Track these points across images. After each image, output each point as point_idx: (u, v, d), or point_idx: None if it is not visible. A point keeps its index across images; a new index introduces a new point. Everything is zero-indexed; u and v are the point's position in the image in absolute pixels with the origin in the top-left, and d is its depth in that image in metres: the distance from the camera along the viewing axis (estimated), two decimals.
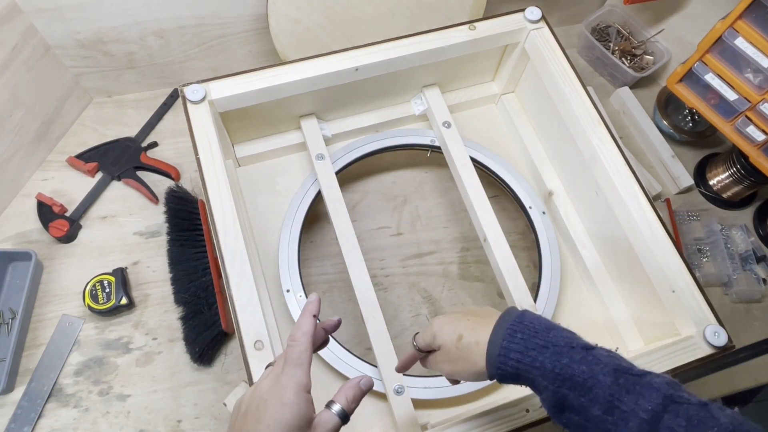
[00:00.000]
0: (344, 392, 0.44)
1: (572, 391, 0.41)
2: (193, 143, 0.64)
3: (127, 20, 0.78)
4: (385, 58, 0.71)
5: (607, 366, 0.41)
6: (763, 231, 0.91)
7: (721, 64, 0.75)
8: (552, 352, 0.42)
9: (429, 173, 0.86)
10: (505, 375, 0.44)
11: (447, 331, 0.49)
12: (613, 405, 0.39)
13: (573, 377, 0.41)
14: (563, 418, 0.42)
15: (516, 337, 0.43)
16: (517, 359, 0.43)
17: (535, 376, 0.42)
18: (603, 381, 0.40)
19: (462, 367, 0.47)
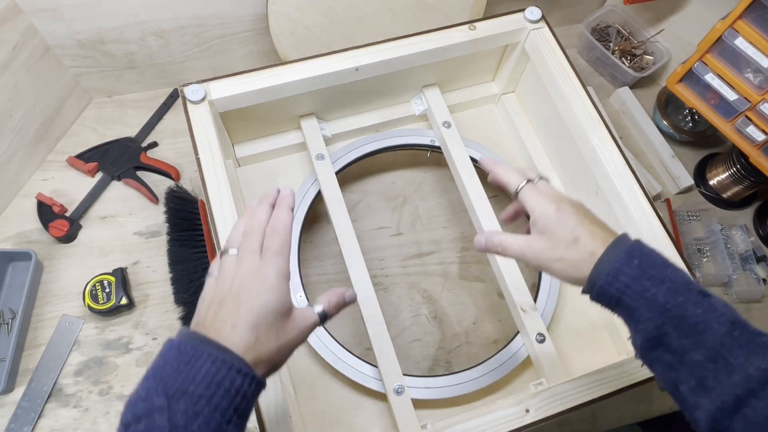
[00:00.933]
0: (328, 296, 0.44)
1: (677, 331, 0.39)
2: (193, 143, 0.64)
3: (127, 20, 0.78)
4: (385, 58, 0.71)
5: (724, 316, 0.39)
6: (763, 231, 0.91)
7: (721, 64, 0.75)
8: (668, 288, 0.40)
9: (429, 173, 0.86)
10: (605, 296, 0.43)
11: (567, 225, 0.45)
12: (720, 354, 0.38)
13: (684, 317, 0.39)
14: (651, 355, 0.41)
15: (632, 262, 0.41)
16: (625, 284, 0.41)
17: (639, 306, 0.41)
18: (717, 329, 0.38)
19: (562, 267, 0.45)
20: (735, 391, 0.37)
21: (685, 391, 0.40)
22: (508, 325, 0.76)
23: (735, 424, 0.37)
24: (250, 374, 0.37)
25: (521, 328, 0.69)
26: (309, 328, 0.42)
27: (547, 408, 0.57)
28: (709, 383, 0.38)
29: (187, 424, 0.34)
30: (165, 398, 0.35)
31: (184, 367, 0.36)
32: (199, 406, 0.35)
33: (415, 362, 0.73)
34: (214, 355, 0.36)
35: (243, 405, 0.37)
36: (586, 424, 0.74)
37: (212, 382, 0.36)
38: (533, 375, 0.70)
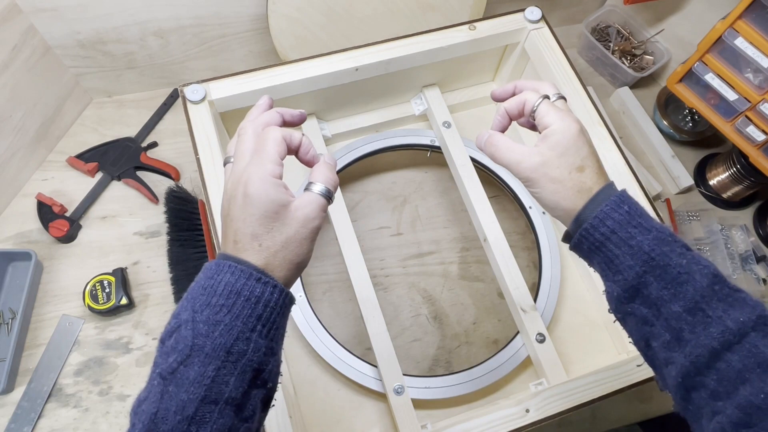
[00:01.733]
0: (319, 172, 0.41)
1: (658, 281, 0.38)
2: (193, 143, 0.64)
3: (127, 20, 0.78)
4: (385, 58, 0.71)
5: (707, 268, 0.38)
6: (763, 231, 0.91)
7: (721, 64, 0.75)
8: (654, 236, 0.39)
9: (429, 173, 0.86)
10: (587, 240, 0.41)
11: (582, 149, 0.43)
12: (699, 307, 0.37)
13: (667, 267, 0.38)
14: (627, 307, 0.40)
15: (622, 207, 0.40)
16: (612, 229, 0.40)
17: (622, 253, 0.40)
18: (699, 281, 0.38)
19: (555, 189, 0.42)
20: (711, 343, 0.36)
21: (658, 347, 0.39)
22: (508, 325, 0.76)
23: (707, 379, 0.36)
24: (269, 282, 0.37)
25: (521, 328, 0.69)
26: (315, 211, 0.40)
27: (547, 408, 0.57)
28: (685, 336, 0.37)
29: (208, 332, 0.35)
30: (191, 312, 0.36)
31: (208, 282, 0.37)
32: (221, 315, 0.35)
33: (415, 362, 0.73)
34: (233, 266, 0.37)
35: (267, 314, 0.37)
36: (586, 424, 0.75)
37: (231, 291, 0.36)
38: (533, 375, 0.70)
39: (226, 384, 0.34)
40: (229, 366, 0.35)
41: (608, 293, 0.42)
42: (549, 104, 0.45)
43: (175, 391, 0.34)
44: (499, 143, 0.46)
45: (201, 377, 0.34)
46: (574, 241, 0.42)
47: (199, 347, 0.34)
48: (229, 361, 0.35)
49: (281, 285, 0.38)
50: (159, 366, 0.35)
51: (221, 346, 0.35)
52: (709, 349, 0.36)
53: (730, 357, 0.35)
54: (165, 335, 0.36)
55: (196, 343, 0.35)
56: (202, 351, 0.34)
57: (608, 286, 0.42)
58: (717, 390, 0.36)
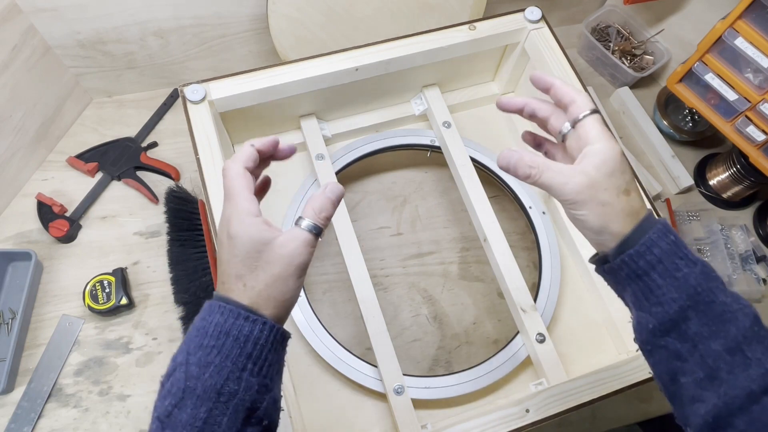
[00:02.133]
0: (310, 204, 0.40)
1: (700, 317, 0.37)
2: (193, 143, 0.64)
3: (127, 20, 0.78)
4: (385, 58, 0.71)
5: (749, 308, 0.37)
6: (763, 231, 0.91)
7: (721, 64, 0.75)
8: (701, 270, 0.38)
9: (429, 173, 0.86)
10: (627, 267, 0.39)
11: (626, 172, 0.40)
12: (740, 348, 0.36)
13: (712, 304, 0.37)
14: (660, 341, 0.39)
15: (668, 237, 0.38)
16: (658, 258, 0.38)
17: (666, 285, 0.38)
18: (742, 321, 0.37)
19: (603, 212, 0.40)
20: (750, 385, 0.35)
21: (688, 383, 0.38)
22: (508, 325, 0.76)
23: (738, 421, 0.35)
24: (257, 320, 0.37)
25: (521, 328, 0.69)
26: (300, 248, 0.39)
27: (547, 408, 0.57)
28: (722, 375, 0.36)
29: (199, 374, 0.35)
30: (186, 354, 0.36)
31: (201, 323, 0.37)
32: (211, 356, 0.36)
33: (415, 362, 0.73)
34: (222, 307, 0.37)
35: (257, 352, 0.37)
36: (586, 424, 0.75)
37: (221, 332, 0.36)
38: (533, 375, 0.70)
39: (218, 425, 0.35)
40: (221, 407, 0.35)
41: (639, 324, 0.40)
42: (598, 117, 0.42)
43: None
44: (538, 162, 0.41)
45: (193, 419, 0.34)
46: (613, 265, 0.40)
47: (191, 389, 0.35)
48: (220, 402, 0.35)
49: (271, 322, 0.38)
50: (157, 409, 0.36)
51: (212, 387, 0.35)
52: (747, 391, 0.35)
53: (767, 400, 0.35)
54: (164, 378, 0.37)
55: (188, 385, 0.35)
56: (193, 393, 0.35)
57: (641, 317, 0.40)
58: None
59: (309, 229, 0.40)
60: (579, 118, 0.42)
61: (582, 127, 0.42)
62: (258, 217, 0.39)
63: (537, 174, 0.41)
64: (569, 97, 0.43)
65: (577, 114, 0.42)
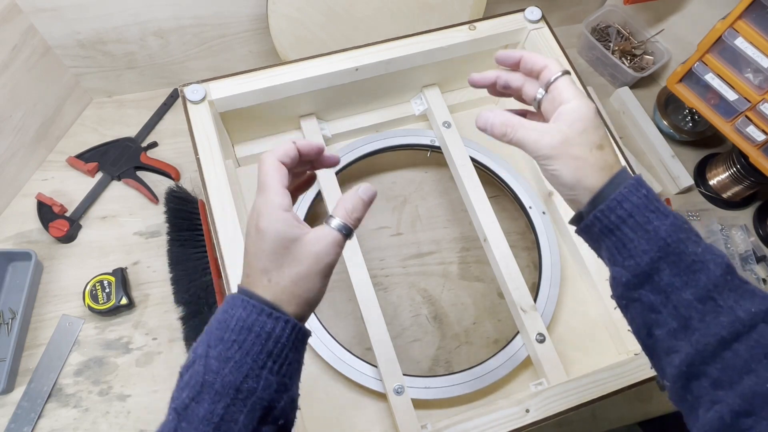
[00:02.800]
0: (342, 204, 0.40)
1: (671, 267, 0.37)
2: (193, 143, 0.64)
3: (127, 20, 0.78)
4: (385, 58, 0.71)
5: (722, 257, 0.38)
6: (763, 231, 0.91)
7: (721, 64, 0.75)
8: (671, 222, 0.38)
9: (429, 173, 0.86)
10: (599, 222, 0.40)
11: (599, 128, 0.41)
12: (711, 296, 0.36)
13: (682, 254, 0.37)
14: (634, 293, 0.39)
15: (640, 191, 0.39)
16: (629, 212, 0.38)
17: (637, 237, 0.38)
18: (712, 270, 0.37)
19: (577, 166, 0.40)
20: (720, 332, 0.35)
21: (662, 334, 0.38)
22: (508, 325, 0.76)
23: (710, 368, 0.35)
24: (281, 317, 0.37)
25: (521, 328, 0.69)
26: (329, 247, 0.38)
27: (547, 408, 0.57)
28: (694, 324, 0.36)
29: (219, 368, 0.35)
30: (206, 347, 0.36)
31: (223, 316, 0.37)
32: (231, 351, 0.35)
33: (415, 362, 0.73)
34: (245, 301, 0.37)
35: (278, 350, 0.36)
36: (586, 424, 0.75)
37: (243, 327, 0.36)
38: (533, 375, 0.70)
39: (234, 422, 0.34)
40: (239, 404, 0.35)
41: (614, 279, 0.41)
42: (570, 78, 0.43)
43: (186, 428, 0.34)
44: (512, 121, 0.43)
45: (210, 414, 0.34)
46: (587, 222, 0.41)
47: (209, 384, 0.35)
48: (238, 399, 0.35)
49: (294, 320, 0.37)
50: (174, 400, 0.35)
51: (231, 383, 0.35)
52: (718, 338, 0.35)
53: (738, 347, 0.35)
54: (183, 369, 0.37)
55: (207, 379, 0.35)
56: (212, 388, 0.34)
57: (616, 272, 0.40)
58: (720, 379, 0.35)
59: (339, 228, 0.39)
60: (551, 81, 0.43)
61: (555, 88, 0.43)
62: (288, 212, 0.38)
63: (512, 131, 0.42)
64: (540, 63, 0.45)
65: (548, 77, 0.43)
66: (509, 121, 0.43)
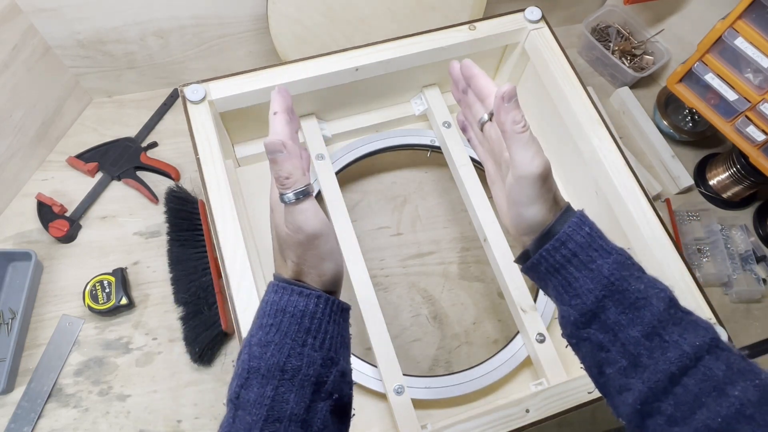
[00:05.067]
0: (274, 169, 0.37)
1: (617, 305, 0.37)
2: (193, 143, 0.64)
3: (127, 20, 0.78)
4: (385, 58, 0.71)
5: (663, 292, 0.38)
6: (763, 231, 0.91)
7: (721, 64, 0.75)
8: (614, 260, 0.38)
9: (429, 173, 0.86)
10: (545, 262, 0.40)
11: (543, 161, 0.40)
12: (656, 332, 0.36)
13: (626, 291, 0.37)
14: (583, 333, 0.39)
15: (583, 229, 0.39)
16: (573, 251, 0.39)
17: (582, 277, 0.38)
18: (656, 305, 0.37)
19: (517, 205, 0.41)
20: (669, 368, 0.35)
21: (613, 373, 0.38)
22: (508, 325, 0.76)
23: (663, 404, 0.35)
24: (311, 294, 0.38)
25: (521, 328, 0.69)
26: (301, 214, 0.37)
27: (547, 408, 0.57)
28: (643, 361, 0.36)
29: (261, 353, 0.36)
30: (249, 335, 0.38)
31: (261, 304, 0.39)
32: (270, 334, 0.37)
33: (415, 362, 0.73)
34: (275, 285, 0.38)
35: (315, 325, 0.37)
36: (586, 424, 0.74)
37: (278, 310, 0.37)
38: (533, 375, 0.70)
39: (286, 402, 0.35)
40: (287, 383, 0.36)
41: (563, 318, 0.41)
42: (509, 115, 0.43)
43: (242, 415, 0.35)
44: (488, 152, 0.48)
45: (261, 398, 0.35)
46: (532, 261, 0.41)
47: (254, 369, 0.36)
48: (285, 379, 0.36)
49: (325, 294, 0.38)
50: (228, 392, 0.37)
51: (275, 365, 0.36)
52: (667, 374, 0.35)
53: (687, 381, 0.35)
54: (235, 361, 0.38)
55: (252, 365, 0.36)
56: (258, 373, 0.36)
57: (563, 311, 0.41)
58: (674, 416, 0.35)
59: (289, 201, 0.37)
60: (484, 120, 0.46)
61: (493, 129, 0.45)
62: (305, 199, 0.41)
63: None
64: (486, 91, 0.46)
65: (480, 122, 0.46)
66: None
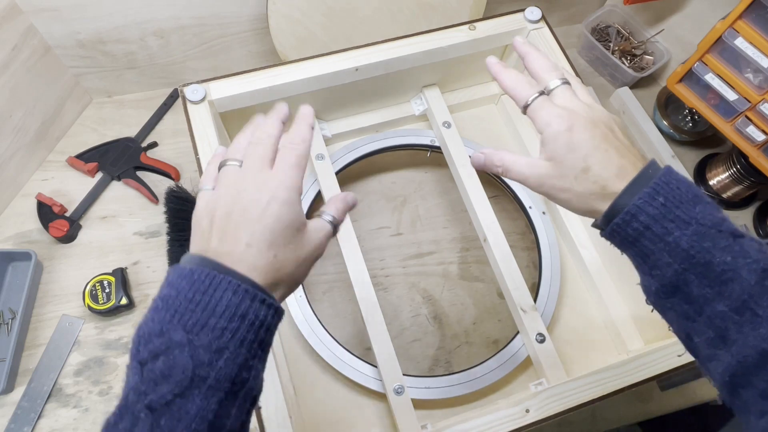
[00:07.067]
0: (333, 204, 0.42)
1: (700, 279, 0.35)
2: (193, 143, 0.64)
3: (127, 20, 0.78)
4: (385, 58, 0.71)
5: (757, 263, 0.35)
6: (763, 231, 0.91)
7: (721, 64, 0.75)
8: (694, 231, 0.35)
9: (429, 173, 0.86)
10: (618, 235, 0.38)
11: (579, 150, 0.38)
12: (748, 306, 0.34)
13: (710, 264, 0.35)
14: (667, 302, 0.37)
15: (656, 200, 0.36)
16: (646, 224, 0.36)
17: (659, 249, 0.36)
18: (746, 278, 0.34)
19: (568, 198, 0.40)
20: (762, 345, 0.33)
21: (701, 342, 0.36)
22: (508, 325, 0.76)
23: (756, 378, 0.33)
24: (272, 304, 0.35)
25: (521, 328, 0.69)
26: (325, 238, 0.40)
27: (547, 408, 0.57)
28: (731, 335, 0.34)
29: (211, 360, 0.31)
30: (184, 332, 0.32)
31: (201, 297, 0.32)
32: (223, 340, 0.32)
33: (415, 362, 0.73)
34: (235, 284, 0.33)
35: (267, 337, 0.35)
36: (586, 424, 0.74)
37: (235, 314, 0.32)
38: (533, 375, 0.70)
39: (227, 416, 0.32)
40: (231, 397, 0.32)
41: (645, 286, 0.39)
42: (541, 102, 0.41)
43: (169, 425, 0.30)
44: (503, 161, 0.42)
45: (204, 411, 0.31)
46: (606, 234, 0.39)
47: (200, 378, 0.31)
48: (232, 392, 0.32)
49: (279, 305, 0.36)
50: (146, 395, 0.31)
51: (226, 377, 0.32)
52: (759, 351, 0.33)
53: None
54: (147, 355, 0.32)
55: (198, 373, 0.31)
56: (204, 382, 0.31)
57: (645, 279, 0.39)
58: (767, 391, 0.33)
59: (332, 222, 0.41)
60: (527, 105, 0.42)
61: (530, 117, 0.42)
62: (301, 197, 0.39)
63: (504, 171, 0.42)
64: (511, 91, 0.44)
65: (523, 102, 0.42)
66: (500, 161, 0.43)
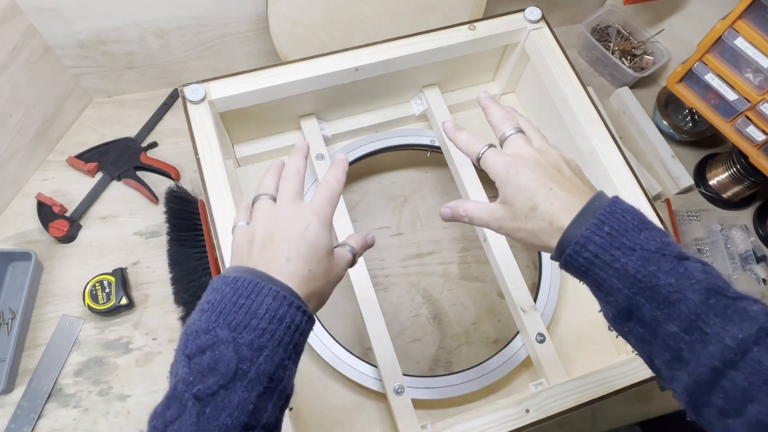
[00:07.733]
0: (354, 238, 0.47)
1: (649, 302, 0.37)
2: (193, 143, 0.64)
3: (127, 20, 0.78)
4: (385, 58, 0.71)
5: (700, 283, 0.36)
6: (763, 231, 0.91)
7: (721, 64, 0.75)
8: (639, 256, 0.37)
9: (429, 173, 0.86)
10: (572, 266, 0.40)
11: (525, 191, 0.42)
12: (695, 325, 0.35)
13: (656, 287, 0.36)
14: (624, 327, 0.39)
15: (602, 229, 0.38)
16: (594, 253, 0.38)
17: (609, 276, 0.38)
18: (691, 298, 0.36)
19: (523, 237, 0.43)
20: (712, 362, 0.34)
21: (660, 364, 0.38)
22: (508, 325, 0.76)
23: (713, 397, 0.35)
24: (306, 311, 0.38)
25: (521, 328, 0.69)
26: (345, 265, 0.45)
27: (547, 408, 0.57)
28: (685, 355, 0.36)
29: (252, 357, 0.35)
30: (229, 331, 0.35)
31: (244, 301, 0.36)
32: (264, 339, 0.35)
33: (415, 362, 0.73)
34: (275, 290, 0.37)
35: (300, 342, 0.38)
36: (586, 424, 0.75)
37: (274, 317, 0.36)
38: (533, 375, 0.70)
39: (264, 410, 0.35)
40: (268, 392, 0.35)
41: (604, 313, 0.41)
42: (489, 153, 0.45)
43: (214, 414, 0.33)
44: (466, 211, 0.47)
45: (245, 402, 0.34)
46: (561, 265, 0.41)
47: (243, 372, 0.34)
48: (269, 388, 0.35)
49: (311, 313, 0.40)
50: (193, 386, 0.34)
51: (264, 372, 0.35)
52: (710, 368, 0.35)
53: (735, 375, 0.34)
54: (195, 350, 0.35)
55: (241, 367, 0.34)
56: (245, 376, 0.34)
57: (602, 307, 0.41)
58: (725, 408, 0.34)
59: (353, 252, 0.46)
60: (480, 156, 0.46)
61: (483, 163, 0.46)
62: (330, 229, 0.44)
63: (469, 219, 0.47)
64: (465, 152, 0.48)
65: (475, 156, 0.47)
66: (465, 210, 0.47)
